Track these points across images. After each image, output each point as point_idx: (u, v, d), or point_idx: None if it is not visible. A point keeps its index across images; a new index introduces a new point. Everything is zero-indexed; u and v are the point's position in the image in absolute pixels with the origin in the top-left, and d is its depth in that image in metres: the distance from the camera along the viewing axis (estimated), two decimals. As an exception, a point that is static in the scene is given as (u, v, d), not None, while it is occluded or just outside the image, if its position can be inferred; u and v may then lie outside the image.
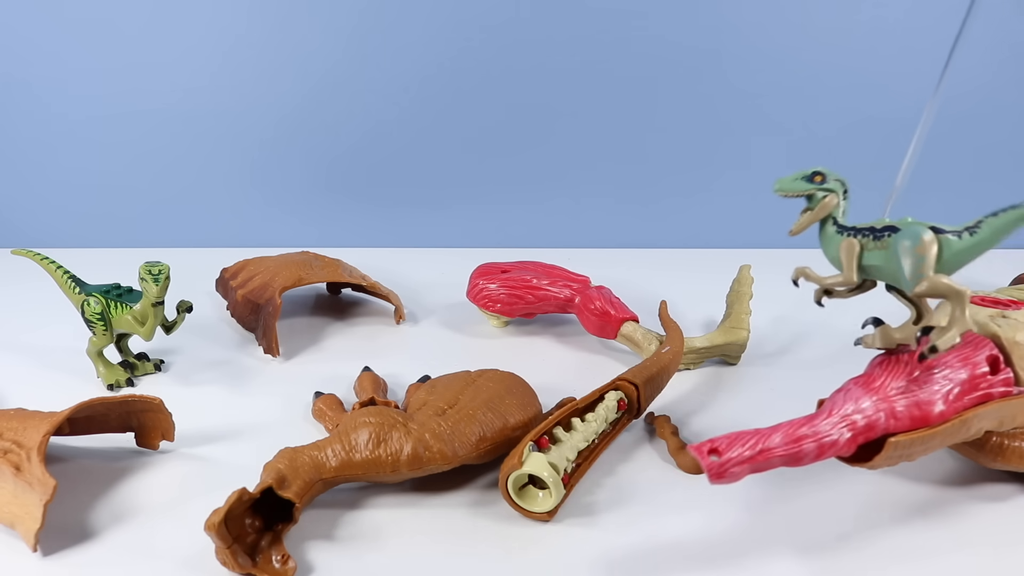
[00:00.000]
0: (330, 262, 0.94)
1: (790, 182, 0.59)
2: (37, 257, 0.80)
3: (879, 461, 0.53)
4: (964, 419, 0.54)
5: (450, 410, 0.63)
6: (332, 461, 0.58)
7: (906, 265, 0.52)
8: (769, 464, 0.51)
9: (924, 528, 0.58)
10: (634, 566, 0.55)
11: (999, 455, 0.59)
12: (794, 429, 0.52)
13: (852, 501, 0.61)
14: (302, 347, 0.87)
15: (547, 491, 0.58)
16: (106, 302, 0.75)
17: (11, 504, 0.57)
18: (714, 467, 0.49)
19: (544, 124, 1.12)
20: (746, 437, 0.51)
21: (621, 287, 0.96)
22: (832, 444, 0.52)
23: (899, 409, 0.53)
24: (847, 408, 0.53)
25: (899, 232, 0.53)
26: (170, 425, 0.66)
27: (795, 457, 0.51)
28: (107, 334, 0.75)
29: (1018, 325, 0.59)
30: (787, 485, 0.63)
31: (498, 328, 0.92)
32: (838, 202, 0.58)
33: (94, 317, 0.75)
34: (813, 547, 0.57)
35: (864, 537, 0.58)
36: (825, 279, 0.58)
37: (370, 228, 1.20)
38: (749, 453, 0.50)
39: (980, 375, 0.55)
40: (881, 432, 0.53)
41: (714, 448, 0.50)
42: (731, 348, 0.81)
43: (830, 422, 0.52)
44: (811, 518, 0.60)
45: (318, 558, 0.56)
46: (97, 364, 0.77)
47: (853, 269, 0.56)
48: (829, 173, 0.58)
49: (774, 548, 0.57)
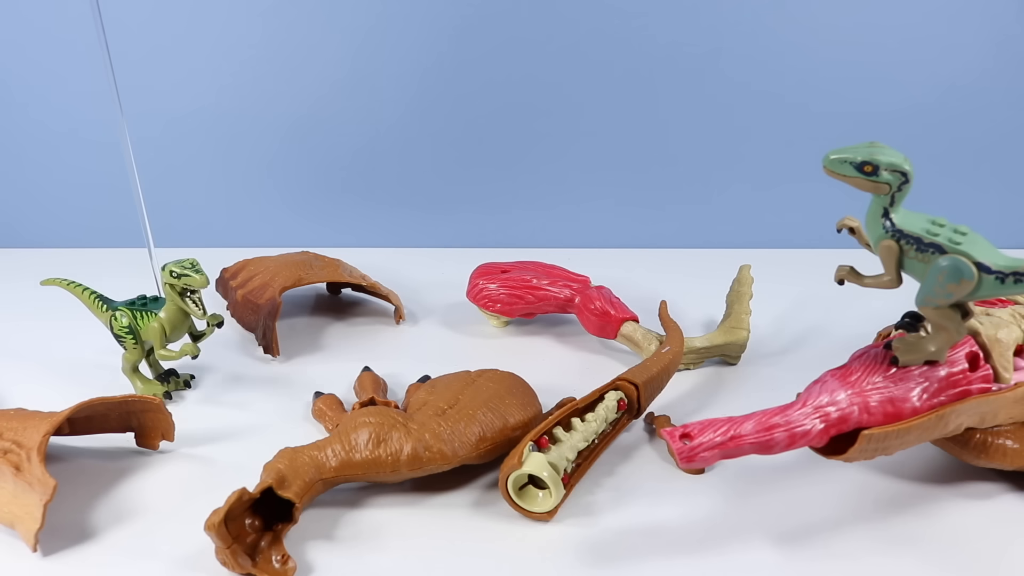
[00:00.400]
0: (330, 262, 0.94)
1: (839, 163, 0.51)
2: (63, 283, 0.79)
3: (853, 454, 0.53)
4: (941, 415, 0.54)
5: (450, 410, 0.63)
6: (332, 461, 0.58)
7: (935, 289, 0.51)
8: (740, 451, 0.52)
9: (904, 522, 0.59)
10: (634, 566, 0.55)
11: (982, 452, 0.59)
12: (767, 417, 0.53)
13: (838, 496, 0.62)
14: (302, 347, 0.87)
15: (547, 491, 0.58)
16: (132, 314, 0.73)
17: (11, 504, 0.57)
18: (684, 451, 0.51)
19: (544, 124, 1.12)
20: (719, 424, 0.52)
21: (621, 287, 0.96)
22: (804, 434, 0.53)
23: (873, 404, 0.53)
24: (821, 399, 0.54)
25: (944, 258, 0.50)
26: (170, 425, 0.66)
27: (766, 445, 0.52)
28: (138, 347, 0.74)
29: (1000, 322, 0.59)
30: (789, 487, 0.63)
31: (498, 328, 0.92)
32: (889, 192, 0.51)
33: (123, 331, 0.73)
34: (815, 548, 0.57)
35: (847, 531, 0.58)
36: (866, 279, 0.55)
37: (370, 228, 1.20)
38: (720, 439, 0.52)
39: (958, 372, 0.55)
40: (854, 425, 0.53)
41: (686, 433, 0.52)
42: (731, 348, 0.81)
43: (803, 412, 0.53)
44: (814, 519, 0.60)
45: (318, 558, 0.56)
46: (134, 381, 0.76)
47: (894, 271, 0.53)
48: (883, 163, 0.50)
49: (775, 548, 0.57)
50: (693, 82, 1.09)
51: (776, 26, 1.05)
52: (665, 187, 1.16)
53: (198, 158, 1.15)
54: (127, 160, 0.88)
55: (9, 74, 1.09)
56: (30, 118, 1.12)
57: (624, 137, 1.13)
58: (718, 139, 1.13)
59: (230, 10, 1.06)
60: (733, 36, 1.06)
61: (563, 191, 1.17)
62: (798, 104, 1.10)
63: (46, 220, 1.19)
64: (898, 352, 0.55)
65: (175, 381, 0.77)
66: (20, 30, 1.06)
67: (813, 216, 1.13)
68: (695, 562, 0.55)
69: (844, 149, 0.52)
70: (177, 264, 0.70)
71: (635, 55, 1.07)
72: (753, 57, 1.07)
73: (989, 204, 1.15)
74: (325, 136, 1.13)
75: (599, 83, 1.09)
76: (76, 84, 1.09)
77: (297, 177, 1.16)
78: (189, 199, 1.17)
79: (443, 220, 1.19)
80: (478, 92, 1.10)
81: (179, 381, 0.77)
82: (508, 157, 1.15)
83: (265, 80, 1.09)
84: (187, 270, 0.69)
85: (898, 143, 0.54)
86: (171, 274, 0.70)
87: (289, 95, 1.10)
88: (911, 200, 0.53)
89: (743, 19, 1.05)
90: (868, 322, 0.89)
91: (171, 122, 1.12)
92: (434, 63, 1.08)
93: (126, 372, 0.76)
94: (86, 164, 1.14)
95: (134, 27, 1.06)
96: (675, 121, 1.12)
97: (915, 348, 0.55)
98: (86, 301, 0.77)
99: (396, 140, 1.14)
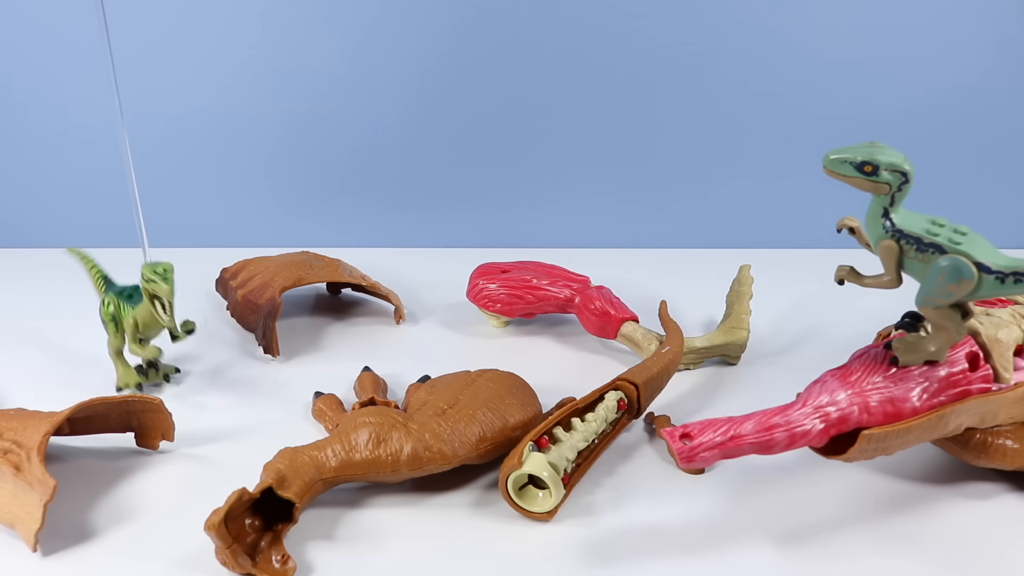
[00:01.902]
0: (330, 262, 0.94)
1: (839, 163, 0.51)
2: (82, 256, 0.80)
3: (853, 454, 0.53)
4: (941, 415, 0.54)
5: (450, 410, 0.63)
6: (332, 461, 0.58)
7: (935, 289, 0.51)
8: (740, 451, 0.52)
9: (904, 521, 0.59)
10: (634, 566, 0.55)
11: (983, 452, 0.59)
12: (767, 418, 0.53)
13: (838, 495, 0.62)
14: (302, 347, 0.87)
15: (547, 491, 0.58)
16: (119, 303, 0.75)
17: (11, 504, 0.57)
18: (684, 451, 0.51)
19: (544, 124, 1.12)
20: (719, 424, 0.52)
21: (621, 287, 0.96)
22: (804, 434, 0.52)
23: (873, 404, 0.53)
24: (822, 399, 0.53)
25: (944, 258, 0.50)
26: (170, 425, 0.66)
27: (766, 445, 0.52)
28: (119, 335, 0.75)
29: (1000, 322, 0.59)
30: (789, 486, 0.63)
31: (498, 328, 0.92)
32: (889, 192, 0.51)
33: (107, 317, 0.75)
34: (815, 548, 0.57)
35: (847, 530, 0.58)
36: (866, 279, 0.55)
37: (370, 228, 1.19)
38: (720, 439, 0.51)
39: (958, 372, 0.55)
40: (854, 425, 0.53)
41: (686, 433, 0.52)
42: (731, 348, 0.81)
43: (803, 412, 0.53)
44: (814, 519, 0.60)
45: (318, 558, 0.56)
46: (116, 364, 0.77)
47: (894, 271, 0.53)
48: (884, 163, 0.50)
49: (774, 547, 0.57)
50: (693, 82, 1.09)
51: (776, 26, 1.05)
52: (665, 186, 1.16)
53: (198, 158, 1.15)
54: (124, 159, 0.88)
55: (9, 74, 1.09)
56: (30, 118, 1.12)
57: (624, 137, 1.13)
58: (718, 138, 1.13)
59: (230, 10, 1.06)
60: (733, 36, 1.06)
61: (563, 191, 1.17)
62: (797, 104, 1.10)
63: (46, 220, 1.19)
64: (898, 352, 0.55)
65: (154, 373, 0.78)
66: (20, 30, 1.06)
67: (813, 216, 1.13)
68: (695, 562, 0.55)
69: (844, 149, 0.51)
70: (150, 268, 0.70)
71: (635, 55, 1.07)
72: (753, 57, 1.07)
73: (990, 204, 1.15)
74: (324, 136, 1.13)
75: (599, 83, 1.09)
76: (76, 84, 1.09)
77: (297, 177, 1.16)
78: (189, 199, 1.17)
79: (443, 220, 1.19)
80: (478, 92, 1.10)
81: (160, 373, 0.79)
82: (508, 157, 1.15)
83: (265, 80, 1.09)
84: (156, 276, 0.69)
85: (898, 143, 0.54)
86: (142, 276, 0.70)
87: (289, 95, 1.10)
88: (911, 200, 0.53)
89: (743, 19, 1.05)
90: (868, 322, 0.89)
91: (171, 122, 1.12)
92: (434, 63, 1.08)
93: (110, 354, 0.77)
94: (86, 164, 1.14)
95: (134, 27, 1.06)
96: (675, 120, 1.12)
97: (915, 348, 0.55)
98: (92, 278, 0.78)
99: (396, 140, 1.14)
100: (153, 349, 0.75)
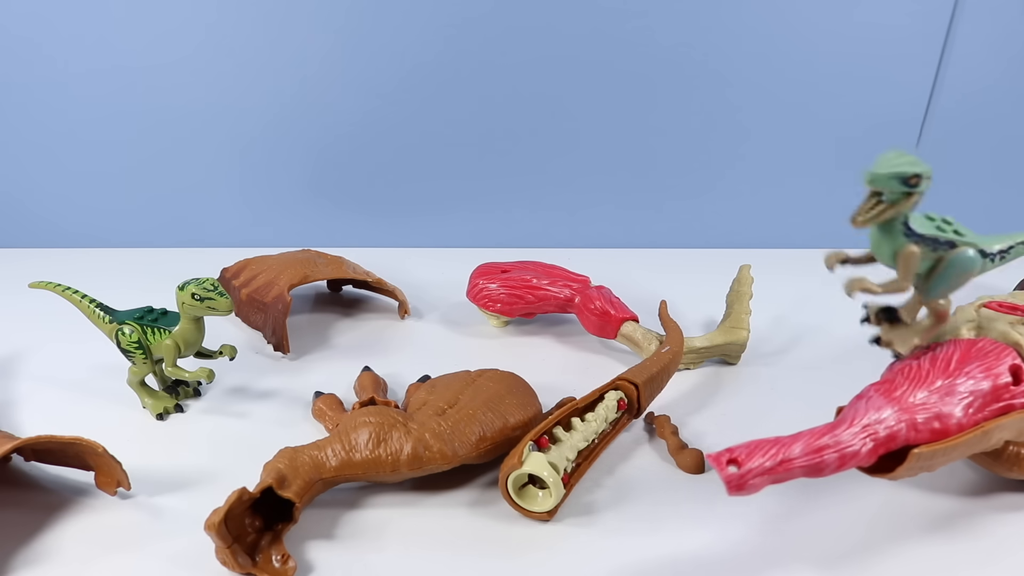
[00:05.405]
0: (333, 259, 0.94)
1: (886, 179, 0.49)
2: (59, 289, 0.75)
3: (901, 472, 0.51)
4: (986, 430, 0.52)
5: (450, 410, 0.63)
6: (332, 461, 0.58)
7: (951, 282, 0.53)
8: (790, 475, 0.48)
9: (943, 541, 0.58)
10: (634, 566, 0.55)
11: (1015, 465, 0.58)
12: (815, 439, 0.49)
13: (867, 511, 0.61)
14: (303, 346, 0.87)
15: (547, 491, 0.58)
16: (142, 329, 0.70)
17: None
18: (733, 479, 0.46)
19: (544, 125, 1.12)
20: (766, 447, 0.48)
21: (621, 287, 0.96)
22: (854, 455, 0.50)
23: (920, 421, 0.51)
24: (869, 418, 0.51)
25: (961, 251, 0.52)
26: (122, 474, 0.60)
27: (816, 468, 0.49)
28: (147, 362, 0.71)
29: None
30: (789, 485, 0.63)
31: (498, 328, 0.92)
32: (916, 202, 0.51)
33: (131, 347, 0.70)
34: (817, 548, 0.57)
35: (882, 549, 0.57)
36: (879, 287, 0.54)
37: (370, 228, 1.20)
38: (770, 464, 0.48)
39: (1002, 386, 0.53)
40: (902, 443, 0.51)
41: (733, 458, 0.47)
42: (731, 348, 0.81)
43: (851, 432, 0.50)
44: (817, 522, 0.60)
45: (318, 558, 0.56)
46: (141, 395, 0.73)
47: (911, 279, 0.53)
48: (925, 172, 0.49)
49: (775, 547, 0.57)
50: (693, 82, 1.09)
51: (776, 27, 1.05)
52: (665, 187, 1.16)
53: (198, 158, 1.15)
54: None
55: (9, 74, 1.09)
56: (30, 118, 1.12)
57: (624, 137, 1.13)
58: (718, 139, 1.13)
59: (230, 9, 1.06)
60: (733, 37, 1.06)
61: (563, 191, 1.17)
62: (797, 104, 1.10)
63: (46, 220, 1.19)
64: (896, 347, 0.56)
65: (184, 391, 0.76)
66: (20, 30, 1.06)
67: (813, 216, 1.13)
68: (695, 561, 0.55)
69: (885, 163, 0.49)
70: (199, 286, 0.67)
71: (635, 55, 1.07)
72: (753, 58, 1.07)
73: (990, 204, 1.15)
74: (325, 137, 1.13)
75: (599, 83, 1.09)
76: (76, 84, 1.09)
77: (297, 178, 1.16)
78: (189, 199, 1.17)
79: (443, 220, 1.19)
80: (478, 92, 1.10)
81: (188, 390, 0.76)
82: (508, 157, 1.15)
83: (265, 80, 1.09)
84: (211, 293, 0.67)
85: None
86: (192, 296, 0.67)
87: (288, 95, 1.10)
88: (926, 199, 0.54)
89: (742, 19, 1.05)
90: (868, 322, 0.89)
91: (171, 122, 1.12)
92: (434, 64, 1.08)
93: (132, 385, 0.73)
94: (86, 164, 1.14)
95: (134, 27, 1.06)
96: (675, 121, 1.12)
97: (907, 337, 0.57)
98: (85, 310, 0.74)
99: (396, 141, 1.14)
100: (205, 371, 0.69)
